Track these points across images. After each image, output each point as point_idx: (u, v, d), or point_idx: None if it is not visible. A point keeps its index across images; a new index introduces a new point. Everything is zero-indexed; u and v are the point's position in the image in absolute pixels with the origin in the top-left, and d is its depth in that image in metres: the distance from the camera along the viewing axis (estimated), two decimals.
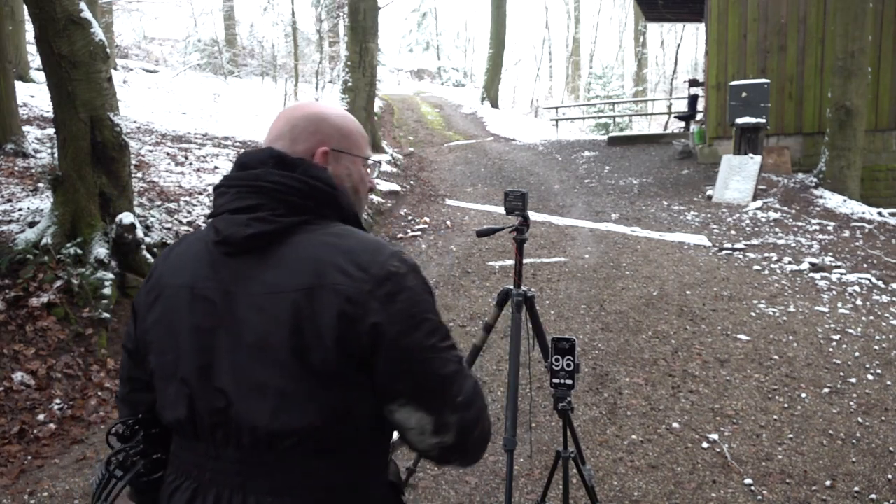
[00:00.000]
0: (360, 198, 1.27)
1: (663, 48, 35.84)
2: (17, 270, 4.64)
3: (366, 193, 1.30)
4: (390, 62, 37.75)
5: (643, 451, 3.41)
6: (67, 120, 4.97)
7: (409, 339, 1.04)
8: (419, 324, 1.06)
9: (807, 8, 10.94)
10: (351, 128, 1.26)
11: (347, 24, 13.99)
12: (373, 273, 1.04)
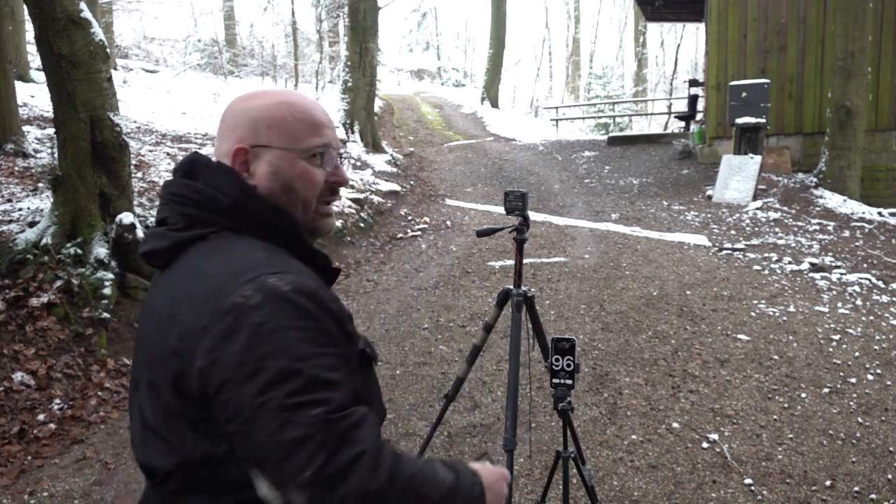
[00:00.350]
0: (301, 197, 1.06)
1: (663, 48, 35.84)
2: (17, 270, 4.64)
3: (315, 190, 1.07)
4: (390, 62, 37.75)
5: (643, 451, 3.41)
6: (67, 120, 4.97)
7: (236, 393, 0.85)
8: (253, 373, 0.85)
9: (807, 8, 10.94)
10: (278, 116, 1.06)
11: (347, 24, 13.99)
12: (215, 305, 0.90)
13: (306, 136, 1.07)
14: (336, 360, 0.92)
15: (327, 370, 0.89)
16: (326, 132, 1.10)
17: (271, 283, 0.91)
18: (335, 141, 1.12)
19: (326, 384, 0.88)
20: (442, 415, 2.90)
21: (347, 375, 0.93)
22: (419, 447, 2.90)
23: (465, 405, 3.91)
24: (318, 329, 0.92)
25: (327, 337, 0.93)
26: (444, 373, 4.36)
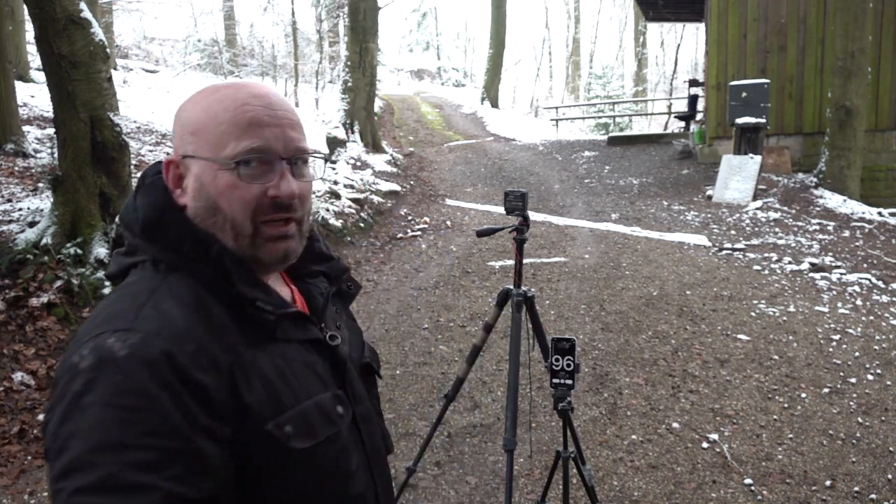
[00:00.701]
0: (229, 219, 0.87)
1: (663, 48, 35.84)
2: (17, 270, 4.64)
3: (246, 209, 0.87)
4: (390, 62, 37.75)
5: (643, 451, 3.41)
6: (67, 120, 4.97)
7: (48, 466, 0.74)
8: (58, 452, 0.72)
9: (807, 8, 10.94)
10: (202, 117, 0.89)
11: (347, 24, 13.99)
12: (64, 360, 0.79)
13: (230, 141, 0.87)
14: (160, 456, 0.72)
15: (134, 470, 0.70)
16: (264, 133, 0.88)
17: (108, 345, 0.76)
18: (280, 143, 0.89)
19: (124, 488, 0.69)
20: (442, 415, 2.90)
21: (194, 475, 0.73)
22: (419, 447, 2.90)
23: (465, 405, 3.91)
24: (144, 411, 0.73)
25: (158, 423, 0.73)
26: (444, 373, 4.36)
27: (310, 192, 0.96)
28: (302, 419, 0.86)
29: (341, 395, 0.94)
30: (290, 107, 0.94)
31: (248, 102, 0.89)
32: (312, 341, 0.95)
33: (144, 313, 0.81)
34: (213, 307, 0.85)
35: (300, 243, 0.94)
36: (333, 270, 1.08)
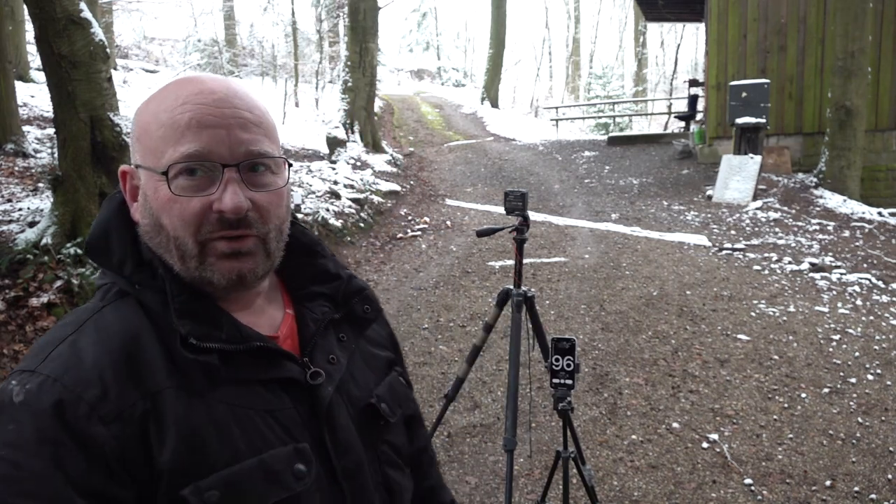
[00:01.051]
0: (172, 237, 0.76)
1: (663, 48, 35.84)
2: (17, 270, 4.64)
3: (186, 226, 0.76)
4: (390, 62, 37.76)
5: (643, 451, 3.41)
6: (67, 120, 4.97)
7: None
8: None
9: (807, 8, 10.94)
10: (144, 123, 0.79)
11: (347, 24, 13.99)
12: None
13: (168, 147, 0.76)
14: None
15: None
16: (202, 136, 0.75)
17: (8, 388, 0.69)
18: (223, 147, 0.76)
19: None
20: (442, 415, 2.91)
21: None
22: None
23: (465, 405, 3.91)
24: (24, 469, 0.65)
25: (38, 484, 0.64)
26: (444, 373, 4.36)
27: (277, 203, 0.81)
28: (233, 483, 0.72)
29: (304, 449, 0.77)
30: (249, 103, 0.80)
31: (188, 101, 0.76)
32: (282, 381, 0.80)
33: (56, 352, 0.72)
34: (147, 344, 0.74)
35: (263, 263, 0.80)
36: (339, 292, 0.92)
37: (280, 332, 0.86)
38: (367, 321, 0.96)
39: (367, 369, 0.93)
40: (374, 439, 0.89)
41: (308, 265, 0.93)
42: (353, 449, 0.84)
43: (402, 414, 0.95)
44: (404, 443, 0.96)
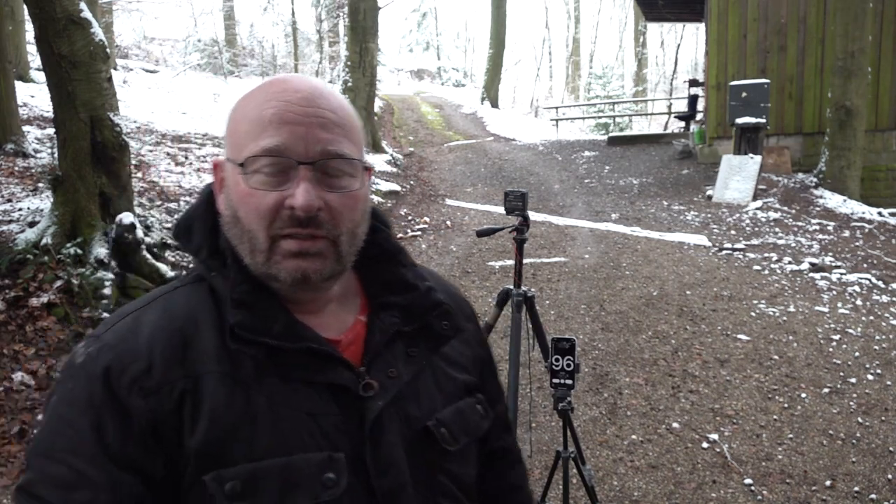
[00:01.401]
0: (246, 230, 0.78)
1: (663, 48, 35.85)
2: (17, 270, 4.64)
3: (259, 219, 0.77)
4: (390, 62, 37.76)
5: (643, 451, 3.41)
6: (67, 120, 4.97)
7: None
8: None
9: (807, 8, 10.94)
10: (234, 119, 0.82)
11: (347, 24, 14.00)
12: None
13: (250, 142, 0.77)
14: (73, 477, 0.69)
15: (48, 484, 0.70)
16: (282, 132, 0.76)
17: (77, 351, 0.75)
18: (301, 143, 0.77)
19: (36, 499, 0.69)
20: None
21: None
22: None
23: None
24: (72, 426, 0.71)
25: (79, 442, 0.70)
26: None
27: (350, 207, 0.80)
28: (255, 478, 0.71)
29: (338, 459, 0.75)
30: (333, 104, 0.80)
31: (273, 98, 0.78)
32: (331, 386, 0.78)
33: (121, 323, 0.77)
34: (205, 328, 0.77)
35: (331, 265, 0.79)
36: (413, 304, 0.88)
37: (343, 338, 0.84)
38: (445, 338, 0.91)
39: (436, 390, 0.87)
40: (428, 465, 0.83)
41: (387, 273, 0.90)
42: (397, 470, 0.79)
43: (467, 443, 0.88)
44: (470, 475, 0.90)
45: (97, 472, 0.69)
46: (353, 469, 0.76)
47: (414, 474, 0.81)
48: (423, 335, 0.88)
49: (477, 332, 1.01)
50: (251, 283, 0.79)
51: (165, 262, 5.41)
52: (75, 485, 0.69)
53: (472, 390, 0.92)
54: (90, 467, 0.69)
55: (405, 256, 0.92)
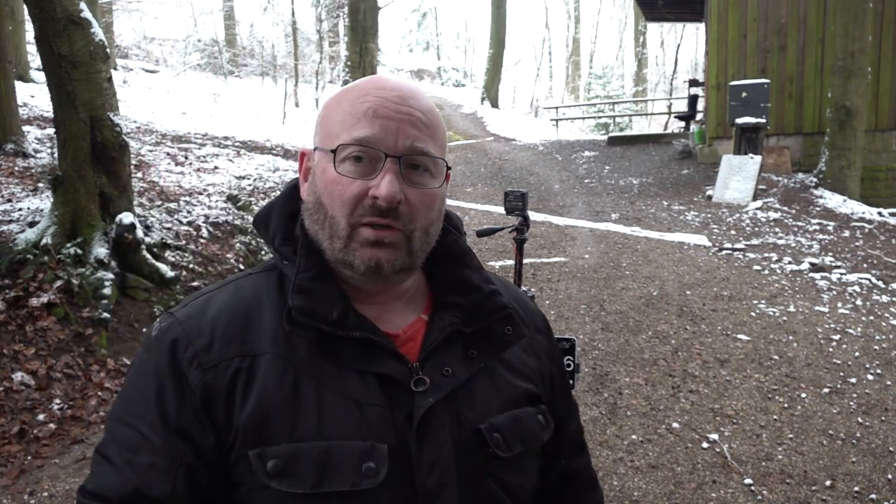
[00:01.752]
0: (329, 216, 0.81)
1: (663, 48, 35.85)
2: (17, 270, 4.64)
3: (343, 206, 0.80)
4: (390, 62, 37.76)
5: (643, 451, 3.41)
6: (67, 120, 4.97)
7: None
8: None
9: (807, 8, 10.94)
10: (328, 109, 0.86)
11: (347, 24, 14.00)
12: None
13: (343, 131, 0.81)
14: (139, 440, 0.74)
15: (118, 445, 0.75)
16: (376, 124, 0.80)
17: (155, 324, 0.82)
18: (391, 137, 0.80)
19: (106, 459, 0.75)
20: None
21: (159, 472, 0.73)
22: None
23: None
24: (142, 393, 0.77)
25: (146, 409, 0.76)
26: None
27: (427, 205, 0.83)
28: (295, 458, 0.74)
29: (380, 449, 0.76)
30: (424, 106, 0.84)
31: (370, 94, 0.82)
32: (382, 377, 0.79)
33: (194, 302, 0.83)
34: (267, 311, 0.81)
35: (403, 258, 0.81)
36: (475, 306, 0.88)
37: (402, 333, 0.85)
38: (506, 343, 0.90)
39: (493, 394, 0.86)
40: (477, 468, 0.82)
41: (453, 274, 0.91)
42: (442, 469, 0.79)
43: (522, 452, 0.86)
44: (525, 486, 0.88)
45: (157, 437, 0.74)
46: (397, 462, 0.77)
47: (461, 476, 0.80)
48: (485, 338, 0.88)
49: (549, 345, 1.00)
50: (317, 269, 0.82)
51: (165, 262, 5.41)
52: (138, 447, 0.74)
53: (533, 400, 0.91)
54: (152, 432, 0.74)
55: (472, 259, 0.93)
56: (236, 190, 7.52)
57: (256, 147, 11.15)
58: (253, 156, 9.78)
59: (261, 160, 9.31)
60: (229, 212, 6.89)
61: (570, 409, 1.04)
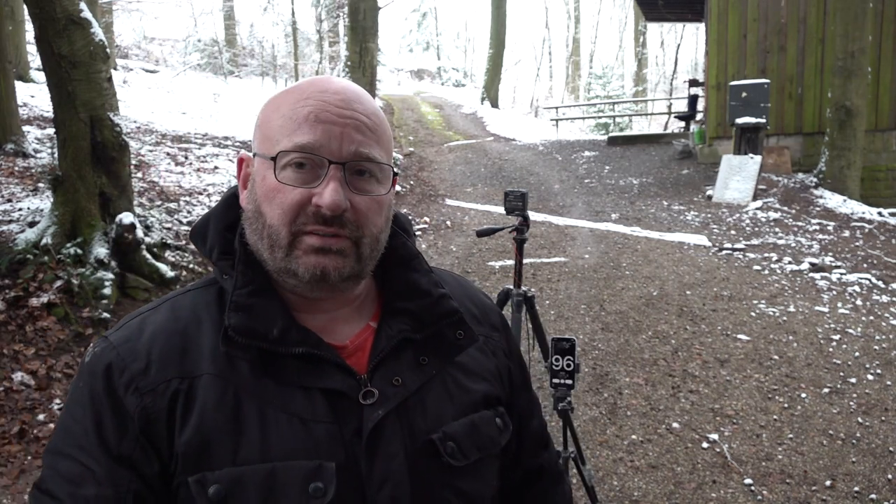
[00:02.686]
0: (267, 225, 0.77)
1: (663, 48, 35.85)
2: (17, 270, 4.64)
3: (283, 215, 0.76)
4: (390, 62, 37.75)
5: (643, 451, 3.41)
6: (67, 120, 4.97)
7: None
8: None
9: (807, 8, 10.94)
10: (267, 114, 0.82)
11: (347, 24, 14.00)
12: None
13: (283, 137, 0.77)
14: (81, 471, 0.71)
15: (59, 478, 0.72)
16: (317, 130, 0.76)
17: (89, 349, 0.78)
18: (335, 143, 0.76)
19: (47, 493, 0.72)
20: None
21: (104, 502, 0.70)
22: None
23: None
24: (79, 423, 0.73)
25: (85, 439, 0.72)
26: None
27: (375, 211, 0.79)
28: (238, 483, 0.71)
29: (328, 468, 0.73)
30: (369, 109, 0.80)
31: (312, 97, 0.78)
32: (330, 392, 0.76)
33: (129, 324, 0.79)
34: (206, 330, 0.77)
35: (351, 265, 0.78)
36: (423, 310, 0.85)
37: (349, 343, 0.82)
38: (459, 347, 0.87)
39: (447, 401, 0.83)
40: (432, 479, 0.79)
41: (400, 279, 0.87)
42: (395, 483, 0.76)
43: (480, 458, 0.84)
44: (484, 493, 0.85)
45: (99, 467, 0.71)
46: (347, 480, 0.74)
47: (415, 489, 0.77)
48: (436, 343, 0.85)
49: (505, 341, 0.97)
50: (256, 284, 0.78)
51: (165, 262, 5.41)
52: (81, 480, 0.71)
53: (491, 403, 0.88)
54: (93, 462, 0.71)
55: (420, 262, 0.89)
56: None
57: None
58: None
59: None
60: None
61: (532, 404, 1.00)
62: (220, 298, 0.81)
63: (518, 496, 0.98)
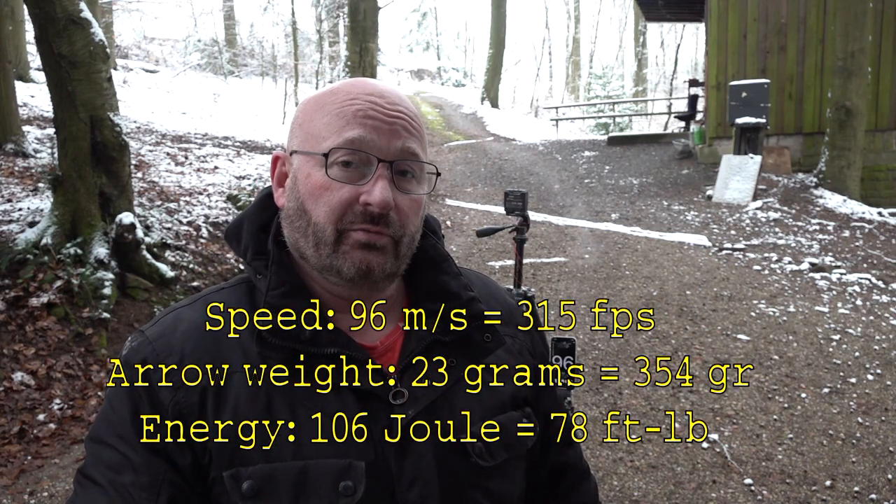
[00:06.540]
0: (313, 223, 0.78)
1: (663, 48, 35.85)
2: (17, 270, 4.64)
3: (331, 212, 0.77)
4: (390, 62, 37.74)
5: (643, 451, 3.41)
6: (67, 120, 4.97)
7: None
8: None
9: (807, 8, 10.94)
10: (310, 111, 0.82)
11: (347, 24, 14.00)
12: None
13: (331, 134, 0.78)
14: (120, 459, 0.73)
15: (101, 465, 0.74)
16: (366, 126, 0.77)
17: (126, 343, 0.81)
18: (384, 140, 0.78)
19: (90, 479, 0.74)
20: None
21: (141, 490, 0.72)
22: None
23: None
24: (117, 413, 0.76)
25: (123, 428, 0.75)
26: None
27: (415, 211, 0.81)
28: (270, 479, 0.73)
29: (358, 467, 0.74)
30: (412, 112, 0.82)
31: (359, 97, 0.79)
32: (360, 392, 0.77)
33: (164, 319, 0.81)
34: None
35: (391, 263, 0.79)
36: (454, 314, 0.86)
37: (380, 344, 0.83)
38: (487, 350, 0.87)
39: (475, 402, 0.84)
40: (460, 479, 0.80)
41: (431, 280, 0.88)
42: (424, 482, 0.77)
43: (508, 459, 0.85)
44: (511, 493, 0.87)
45: (136, 455, 0.73)
46: (376, 478, 0.75)
47: (444, 489, 0.78)
48: (464, 346, 0.86)
49: (531, 341, 0.98)
50: (289, 285, 0.80)
51: (165, 261, 5.41)
52: (121, 467, 0.73)
53: (518, 404, 0.90)
54: (131, 451, 0.74)
55: (451, 265, 0.90)
56: (236, 190, 7.52)
57: (256, 147, 11.15)
58: (253, 156, 9.78)
59: (261, 160, 9.31)
60: (229, 212, 6.89)
61: (556, 403, 1.02)
62: (252, 297, 0.82)
63: (545, 493, 0.99)
